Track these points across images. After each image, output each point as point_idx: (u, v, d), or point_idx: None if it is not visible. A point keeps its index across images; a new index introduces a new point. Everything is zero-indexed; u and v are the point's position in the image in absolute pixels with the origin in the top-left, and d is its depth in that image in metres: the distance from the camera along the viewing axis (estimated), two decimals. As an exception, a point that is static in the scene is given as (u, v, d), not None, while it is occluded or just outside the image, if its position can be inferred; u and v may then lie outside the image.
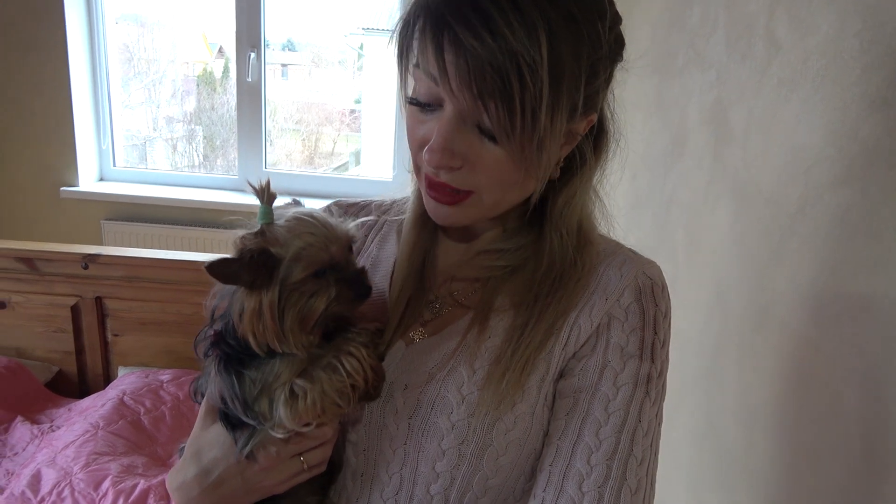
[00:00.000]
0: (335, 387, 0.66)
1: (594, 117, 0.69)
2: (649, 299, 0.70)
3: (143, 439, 1.85)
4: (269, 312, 0.63)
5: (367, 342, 0.71)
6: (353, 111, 4.44)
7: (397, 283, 0.78)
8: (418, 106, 0.66)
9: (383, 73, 4.14)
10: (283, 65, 4.08)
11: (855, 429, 0.79)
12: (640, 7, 1.74)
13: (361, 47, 4.19)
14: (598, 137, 0.73)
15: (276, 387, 0.66)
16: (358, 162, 4.46)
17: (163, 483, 1.65)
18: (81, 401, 2.07)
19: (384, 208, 0.89)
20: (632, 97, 1.75)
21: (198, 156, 3.97)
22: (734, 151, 1.19)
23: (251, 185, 0.66)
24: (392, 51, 0.67)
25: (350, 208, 0.89)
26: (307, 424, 0.67)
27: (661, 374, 0.70)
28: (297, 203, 0.71)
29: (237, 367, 0.67)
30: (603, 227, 0.77)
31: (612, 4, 0.66)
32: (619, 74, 0.70)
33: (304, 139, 4.25)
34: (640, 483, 0.67)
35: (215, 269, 0.62)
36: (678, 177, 1.45)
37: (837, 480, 0.82)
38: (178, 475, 0.72)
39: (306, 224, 0.65)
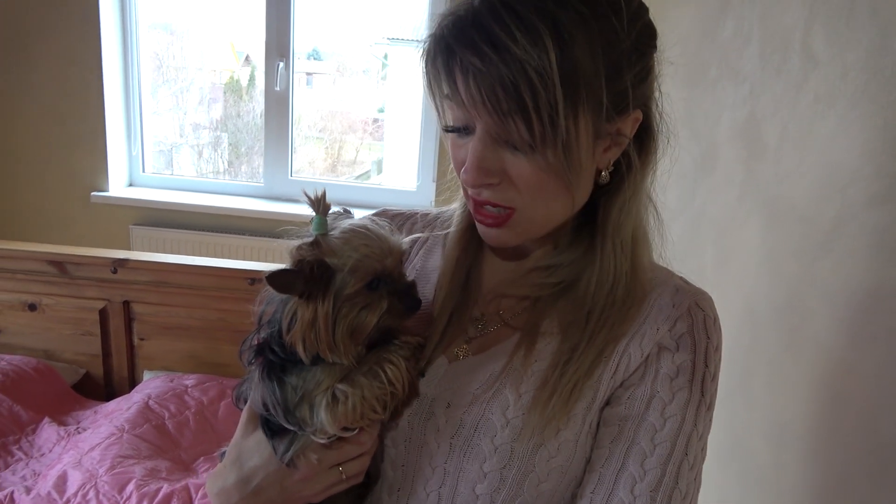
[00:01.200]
0: (375, 393, 0.67)
1: (639, 115, 0.67)
2: (701, 331, 0.69)
3: (167, 443, 1.86)
4: (323, 323, 0.64)
5: (408, 356, 0.72)
6: (376, 120, 4.47)
7: (440, 297, 0.78)
8: (455, 132, 0.67)
9: (407, 83, 4.17)
10: (308, 73, 4.13)
11: (890, 453, 0.77)
12: (669, 19, 1.73)
13: (386, 57, 4.22)
14: (644, 137, 0.71)
15: (316, 393, 0.67)
16: (380, 171, 4.48)
17: (186, 487, 1.66)
18: (107, 404, 2.09)
19: (429, 220, 0.89)
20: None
21: (223, 162, 4.02)
22: (766, 167, 1.17)
23: (307, 195, 0.67)
24: (422, 78, 0.67)
25: (396, 218, 0.89)
26: (347, 429, 0.67)
27: (710, 408, 0.69)
28: (347, 213, 0.72)
29: (279, 374, 0.68)
30: (656, 237, 0.75)
31: None
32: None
33: (327, 147, 4.29)
34: None
35: (274, 279, 0.63)
36: (708, 191, 1.44)
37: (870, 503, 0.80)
38: (218, 480, 0.73)
39: (362, 236, 0.66)
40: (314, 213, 0.66)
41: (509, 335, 0.74)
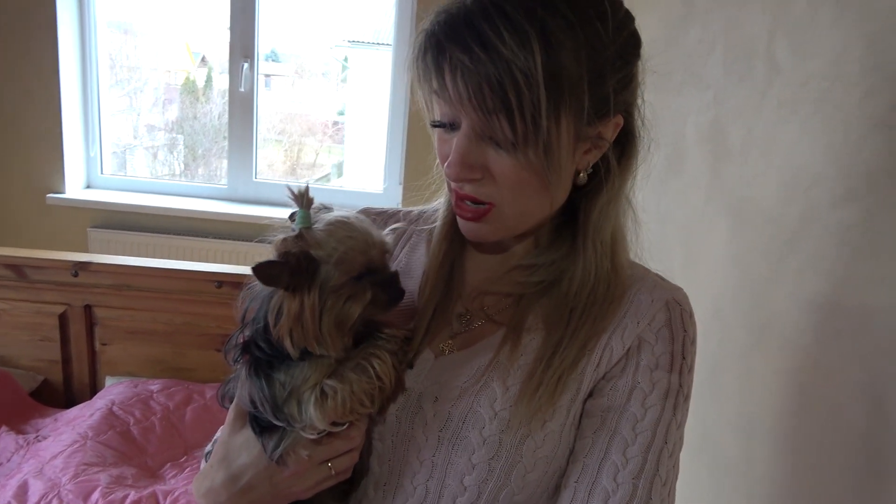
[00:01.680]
0: (363, 387, 0.68)
1: (620, 120, 0.70)
2: (679, 324, 0.72)
3: (132, 450, 1.82)
4: (310, 315, 0.65)
5: (395, 349, 0.73)
6: (336, 123, 4.46)
7: (424, 291, 0.79)
8: (441, 127, 0.68)
9: (368, 86, 4.16)
10: (267, 75, 4.09)
11: (858, 442, 0.81)
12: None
13: (346, 59, 4.21)
14: (626, 142, 0.73)
15: (304, 389, 0.67)
16: (340, 174, 4.46)
17: (153, 494, 1.63)
18: (68, 411, 2.04)
19: (412, 218, 0.91)
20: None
21: (179, 165, 3.95)
22: (732, 170, 1.22)
23: (290, 189, 0.67)
24: (412, 73, 0.69)
25: (379, 216, 0.90)
26: (336, 424, 0.68)
27: (688, 398, 0.72)
28: (328, 208, 0.72)
29: (266, 371, 0.68)
30: (633, 238, 0.77)
31: (620, 5, 0.67)
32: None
33: (286, 150, 4.26)
34: (662, 503, 0.68)
35: (260, 270, 0.63)
36: (675, 193, 1.48)
37: (839, 493, 0.84)
38: (205, 480, 0.72)
39: (346, 228, 0.67)
40: (298, 208, 0.66)
41: (494, 331, 0.76)
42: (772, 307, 1.04)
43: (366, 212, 0.89)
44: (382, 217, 0.90)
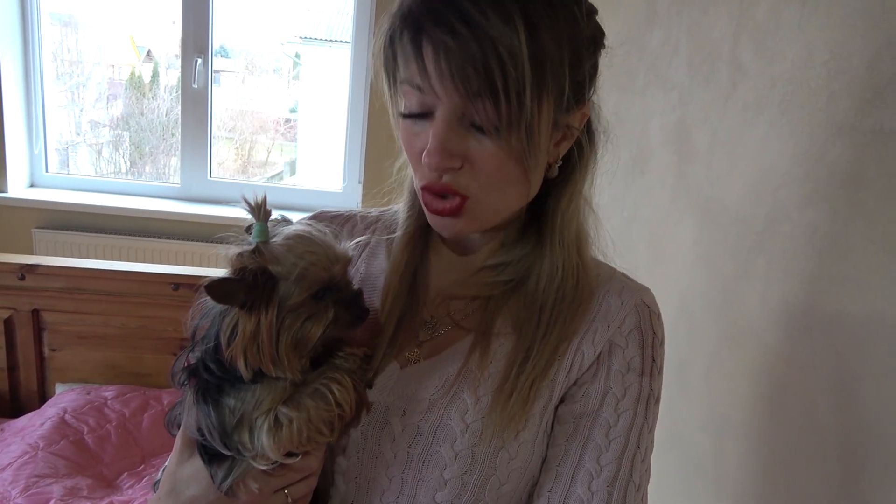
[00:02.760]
0: (321, 415, 0.64)
1: (587, 111, 0.70)
2: (648, 327, 0.72)
3: (87, 460, 1.76)
4: (266, 335, 0.61)
5: (355, 368, 0.69)
6: (288, 120, 4.39)
7: (387, 302, 0.76)
8: (411, 118, 0.66)
9: (321, 83, 4.10)
10: (216, 71, 4.03)
11: (829, 436, 0.83)
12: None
13: (297, 56, 4.14)
14: (589, 136, 0.74)
15: (257, 415, 0.63)
16: (293, 171, 4.40)
17: (111, 506, 1.58)
18: (16, 420, 1.95)
19: (370, 222, 0.87)
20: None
21: (125, 162, 3.83)
22: (698, 170, 1.24)
23: (246, 200, 0.63)
24: (379, 60, 0.67)
25: (335, 220, 0.86)
26: (291, 455, 0.64)
27: (658, 400, 0.72)
28: (286, 220, 0.69)
29: (215, 396, 0.64)
30: (594, 234, 0.78)
31: None
32: None
33: (237, 147, 4.18)
34: None
35: (214, 288, 0.59)
36: (640, 193, 1.50)
37: (809, 490, 0.87)
38: None
39: (307, 243, 0.63)
40: (254, 221, 0.63)
41: (462, 336, 0.74)
42: (740, 305, 1.06)
43: (320, 215, 0.86)
44: (338, 221, 0.86)
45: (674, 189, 1.34)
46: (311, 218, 0.85)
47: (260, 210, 0.62)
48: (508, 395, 0.68)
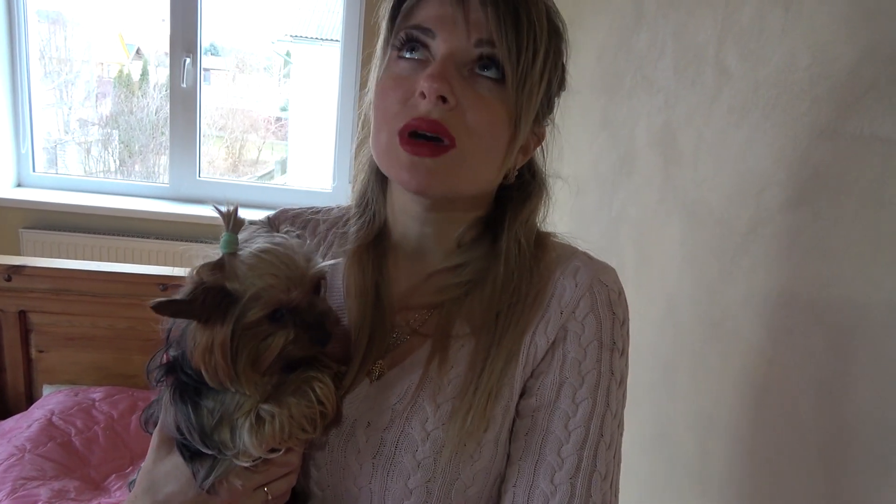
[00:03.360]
0: (304, 412, 0.64)
1: (544, 133, 0.75)
2: (605, 308, 0.71)
3: (75, 462, 1.75)
4: (220, 351, 0.60)
5: (335, 373, 0.70)
6: (279, 119, 4.38)
7: (356, 319, 0.74)
8: (410, 48, 0.68)
9: (312, 82, 4.09)
10: (206, 69, 4.02)
11: (810, 435, 0.85)
12: (585, 28, 1.81)
13: (288, 54, 4.13)
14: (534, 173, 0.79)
15: (238, 416, 0.63)
16: (284, 171, 4.39)
17: (99, 508, 1.57)
18: (3, 422, 1.93)
19: (332, 221, 0.85)
20: (578, 115, 1.81)
21: (114, 161, 3.81)
22: (684, 173, 1.25)
23: (218, 209, 0.62)
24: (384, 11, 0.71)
25: (296, 219, 0.86)
26: (273, 451, 0.64)
27: (622, 384, 0.71)
28: (269, 231, 0.68)
29: (193, 398, 0.64)
30: (547, 212, 0.79)
31: None
32: (565, 96, 0.77)
33: (227, 146, 4.16)
34: (605, 498, 0.68)
35: (162, 308, 0.59)
36: (628, 194, 1.51)
37: (793, 487, 0.88)
38: None
39: (268, 264, 0.61)
40: (224, 231, 0.62)
41: (421, 343, 0.73)
42: (725, 305, 1.07)
43: (283, 213, 0.86)
44: (300, 219, 0.86)
45: (660, 190, 1.35)
46: (273, 216, 0.85)
47: (230, 220, 0.62)
48: (469, 403, 0.67)
